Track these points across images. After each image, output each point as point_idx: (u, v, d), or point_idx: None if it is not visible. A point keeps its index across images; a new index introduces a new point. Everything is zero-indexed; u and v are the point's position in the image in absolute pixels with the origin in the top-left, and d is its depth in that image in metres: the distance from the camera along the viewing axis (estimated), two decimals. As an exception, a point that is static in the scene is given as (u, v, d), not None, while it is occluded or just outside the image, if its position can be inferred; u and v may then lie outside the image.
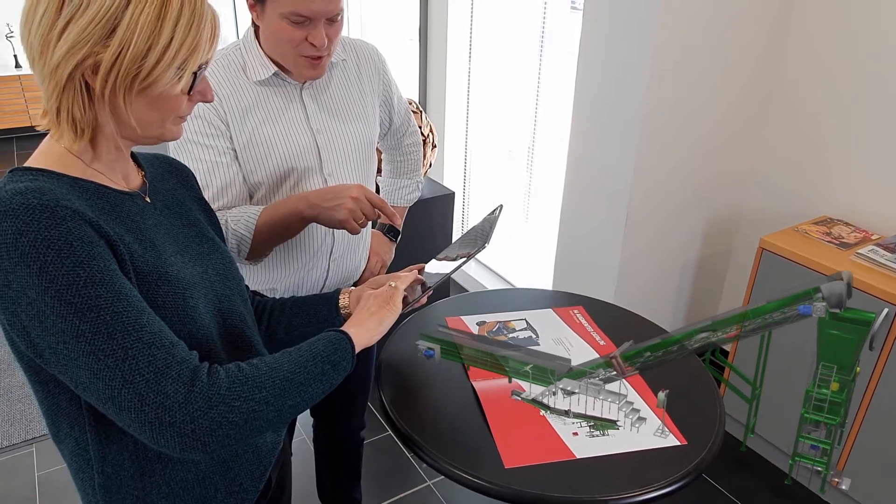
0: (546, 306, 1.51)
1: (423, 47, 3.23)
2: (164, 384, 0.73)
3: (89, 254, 0.71)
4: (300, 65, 1.23)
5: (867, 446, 1.88)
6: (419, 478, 2.20)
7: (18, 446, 2.33)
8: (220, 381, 0.76)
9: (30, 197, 0.70)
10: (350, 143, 1.37)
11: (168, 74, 0.76)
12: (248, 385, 0.78)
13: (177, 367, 0.74)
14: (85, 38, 0.72)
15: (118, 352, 0.71)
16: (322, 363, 0.87)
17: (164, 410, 0.72)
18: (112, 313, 0.72)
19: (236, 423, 0.76)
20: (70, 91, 0.75)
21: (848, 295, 0.96)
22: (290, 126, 1.30)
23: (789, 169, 2.29)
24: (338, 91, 1.37)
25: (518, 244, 3.21)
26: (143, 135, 0.81)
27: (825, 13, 2.08)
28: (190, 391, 0.74)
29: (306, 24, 1.17)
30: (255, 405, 0.78)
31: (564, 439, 1.09)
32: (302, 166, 1.32)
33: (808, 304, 0.96)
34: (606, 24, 2.06)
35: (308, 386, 0.85)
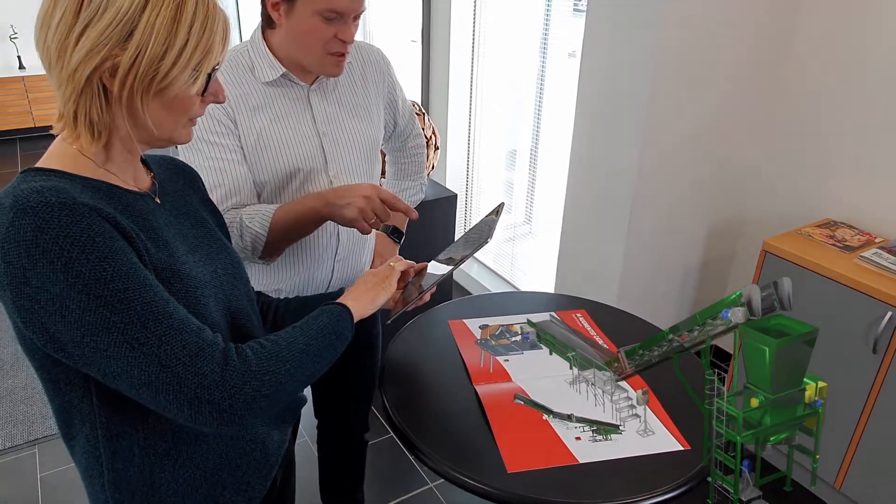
0: (549, 310, 1.50)
1: (426, 49, 3.23)
2: (199, 365, 0.76)
3: (112, 248, 0.73)
4: (326, 62, 1.25)
5: (870, 450, 1.87)
6: (421, 480, 2.20)
7: (21, 447, 2.33)
8: (250, 359, 0.81)
9: (47, 195, 0.71)
10: (355, 145, 1.38)
11: (184, 76, 0.78)
12: (273, 360, 0.83)
13: (208, 348, 0.77)
14: (103, 41, 0.73)
15: (152, 339, 0.74)
16: (329, 334, 0.92)
17: (202, 389, 0.76)
18: (142, 303, 0.74)
19: (268, 395, 0.81)
20: (88, 94, 0.76)
21: (774, 303, 0.87)
22: (297, 127, 1.31)
23: (793, 172, 2.29)
24: (344, 93, 1.38)
25: (520, 246, 3.21)
26: (156, 136, 0.83)
27: (829, 16, 2.07)
28: (224, 370, 0.77)
29: (337, 20, 1.20)
30: (281, 377, 0.83)
31: (567, 444, 1.08)
32: (308, 167, 1.33)
33: (729, 309, 0.89)
34: (609, 27, 2.05)
35: (320, 356, 0.90)
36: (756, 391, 0.88)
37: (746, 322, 0.87)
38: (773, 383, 0.86)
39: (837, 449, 1.94)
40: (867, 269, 1.85)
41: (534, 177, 2.97)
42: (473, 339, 1.39)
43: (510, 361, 1.31)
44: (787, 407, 0.89)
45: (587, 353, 1.28)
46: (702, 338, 0.96)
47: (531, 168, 2.96)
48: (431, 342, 1.38)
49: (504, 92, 3.09)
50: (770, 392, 0.86)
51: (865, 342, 1.81)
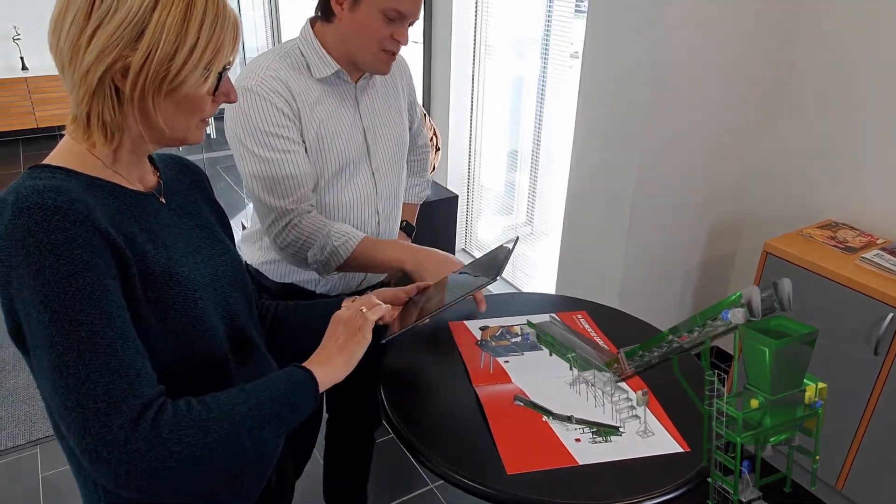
0: (549, 311, 1.50)
1: (428, 50, 3.23)
2: (111, 417, 0.71)
3: (87, 263, 0.72)
4: (379, 59, 1.30)
5: (871, 451, 1.87)
6: (422, 481, 2.20)
7: (23, 447, 2.34)
8: (164, 424, 0.74)
9: (45, 196, 0.72)
10: (391, 141, 1.46)
11: (195, 75, 0.79)
12: (194, 429, 0.75)
13: (130, 401, 0.72)
14: (114, 42, 0.74)
15: (81, 372, 0.71)
16: (279, 405, 0.83)
17: (103, 444, 0.70)
18: (89, 331, 0.71)
19: (174, 468, 0.73)
20: (100, 95, 0.77)
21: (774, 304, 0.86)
22: (347, 123, 1.38)
23: (794, 173, 2.29)
24: (380, 92, 1.45)
25: (521, 247, 3.20)
26: (168, 137, 0.83)
27: (830, 17, 2.07)
28: (133, 430, 0.71)
29: (397, 21, 1.25)
30: (197, 451, 0.75)
31: (567, 445, 1.08)
32: (355, 161, 1.40)
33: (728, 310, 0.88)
34: (610, 28, 2.05)
35: (261, 429, 0.81)
36: (756, 392, 0.88)
37: (746, 323, 0.87)
38: (773, 384, 0.86)
39: (839, 450, 1.94)
40: (868, 270, 1.85)
41: (535, 177, 2.97)
42: (474, 341, 1.39)
43: (510, 363, 1.31)
44: (787, 408, 0.89)
45: (587, 354, 1.28)
46: (702, 339, 0.96)
47: (532, 169, 2.96)
48: (432, 343, 1.38)
49: (505, 93, 3.09)
50: (770, 393, 0.86)
51: (867, 343, 1.80)
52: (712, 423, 0.89)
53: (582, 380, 1.24)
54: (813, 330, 0.86)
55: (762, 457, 0.89)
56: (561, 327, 1.41)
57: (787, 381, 0.87)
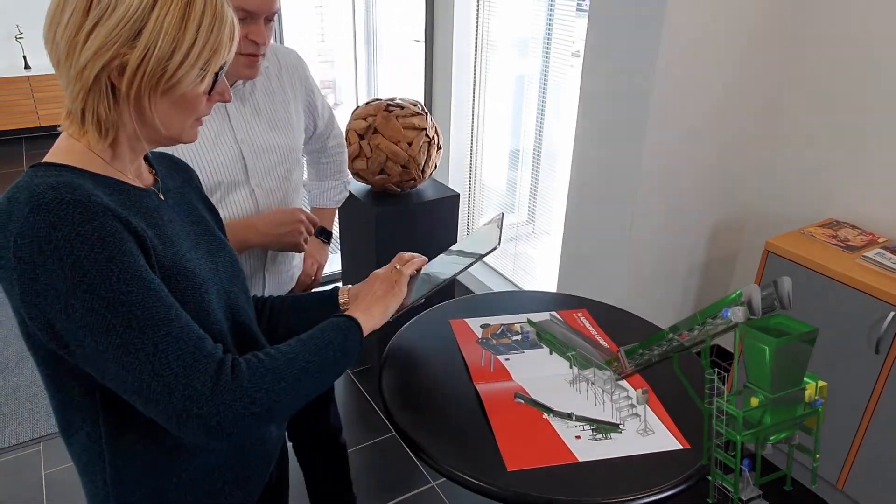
0: (551, 309, 1.51)
1: (429, 49, 3.23)
2: (191, 378, 0.75)
3: (121, 249, 0.73)
4: (238, 63, 1.22)
5: (872, 450, 1.87)
6: (423, 479, 2.21)
7: (26, 445, 2.35)
8: (243, 374, 0.79)
9: (62, 192, 0.72)
10: (276, 152, 1.36)
11: (192, 75, 0.78)
12: (269, 377, 0.81)
13: (203, 361, 0.77)
14: (112, 39, 0.74)
15: (148, 346, 0.74)
16: (334, 351, 0.90)
17: (191, 402, 0.75)
18: (143, 308, 0.74)
19: (258, 413, 0.79)
20: (96, 92, 0.77)
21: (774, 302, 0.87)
22: (215, 138, 1.28)
23: (795, 171, 2.29)
24: (262, 99, 1.36)
25: (523, 246, 3.21)
26: (164, 135, 0.83)
27: (832, 16, 2.07)
28: (216, 385, 0.76)
29: (247, 21, 1.18)
30: (275, 395, 0.81)
31: (567, 442, 1.09)
32: (229, 179, 1.30)
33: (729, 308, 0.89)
34: (612, 27, 2.06)
35: (322, 373, 0.88)
36: (756, 390, 0.88)
37: (746, 321, 0.88)
38: (773, 382, 0.86)
39: (840, 449, 1.94)
40: (870, 269, 1.85)
41: (536, 176, 2.98)
42: (474, 338, 1.39)
43: (511, 360, 1.31)
44: (787, 406, 0.89)
45: (587, 352, 1.28)
46: (702, 337, 0.96)
47: (534, 167, 2.97)
48: (432, 341, 1.39)
49: (507, 91, 3.09)
50: (770, 391, 0.87)
51: (868, 342, 1.80)
52: (712, 422, 0.90)
53: (582, 378, 1.24)
54: (813, 328, 0.86)
55: (762, 455, 0.89)
56: (561, 326, 1.41)
57: (788, 380, 0.88)
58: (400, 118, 2.39)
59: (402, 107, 2.45)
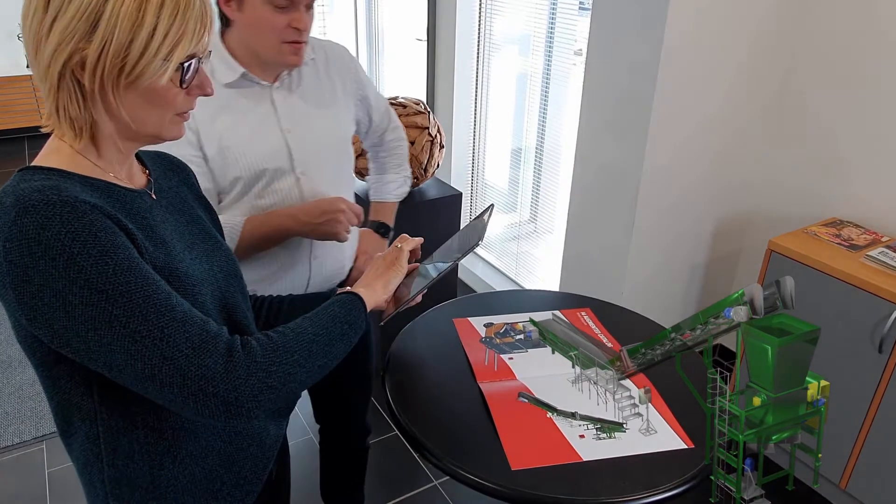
0: (553, 308, 1.51)
1: (432, 47, 3.23)
2: (203, 358, 0.75)
3: (113, 242, 0.72)
4: (283, 52, 1.24)
5: (875, 450, 1.86)
6: (426, 478, 2.21)
7: (29, 443, 2.35)
8: (255, 350, 0.79)
9: (49, 193, 0.71)
10: (322, 141, 1.37)
11: (153, 66, 0.75)
12: (280, 350, 0.82)
13: (212, 340, 0.76)
14: (70, 34, 0.72)
15: (155, 332, 0.73)
16: (341, 324, 0.90)
17: (206, 382, 0.75)
18: (143, 296, 0.73)
19: (275, 386, 0.80)
20: (64, 90, 0.75)
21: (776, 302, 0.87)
22: (259, 127, 1.30)
23: (798, 170, 2.28)
24: (308, 89, 1.37)
25: (525, 245, 3.21)
26: (141, 132, 0.81)
27: (835, 15, 2.06)
28: (229, 361, 0.76)
29: (289, 9, 1.20)
30: (289, 368, 0.81)
31: (571, 441, 1.09)
32: (273, 167, 1.32)
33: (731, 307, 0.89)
34: (614, 26, 2.05)
35: (332, 346, 0.88)
36: (758, 390, 0.88)
37: (749, 321, 0.88)
38: (775, 382, 0.86)
39: (843, 448, 1.94)
40: (873, 268, 1.85)
41: (539, 175, 2.97)
42: (478, 337, 1.39)
43: (514, 359, 1.31)
44: (789, 406, 0.89)
45: (590, 351, 1.28)
46: (704, 336, 0.96)
47: (536, 166, 2.96)
48: (436, 340, 1.39)
49: (509, 90, 3.09)
50: (772, 391, 0.87)
51: (871, 341, 1.80)
52: (715, 421, 0.90)
53: (584, 377, 1.24)
54: (815, 328, 0.86)
55: (765, 455, 0.89)
56: (564, 325, 1.41)
57: (790, 379, 0.88)
58: (402, 117, 2.39)
59: (405, 105, 2.45)
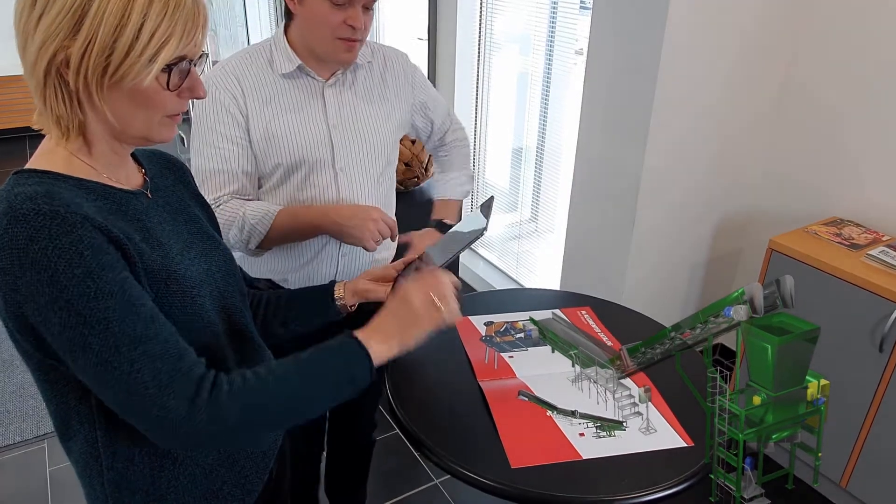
0: (554, 307, 1.51)
1: (432, 47, 3.23)
2: (166, 398, 0.73)
3: (99, 263, 0.71)
4: (337, 48, 1.28)
5: (876, 448, 1.86)
6: (426, 476, 2.21)
7: (30, 442, 2.36)
8: (221, 397, 0.76)
9: (40, 202, 0.70)
10: (366, 141, 1.40)
11: (137, 68, 0.73)
12: (251, 398, 0.78)
13: (180, 380, 0.74)
14: (54, 31, 0.71)
15: (124, 365, 0.72)
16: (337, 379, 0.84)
17: (166, 422, 0.74)
18: (120, 325, 0.72)
19: (233, 432, 0.77)
20: (50, 88, 0.74)
21: (776, 301, 0.87)
22: (306, 119, 1.34)
23: (799, 170, 2.28)
24: (360, 91, 1.40)
25: (526, 244, 3.21)
26: (127, 133, 0.79)
27: (836, 12, 2.06)
28: (192, 405, 0.74)
29: (347, 7, 1.23)
30: (254, 418, 0.79)
31: (571, 440, 1.09)
32: (313, 159, 1.35)
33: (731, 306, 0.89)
34: (615, 25, 2.05)
35: (316, 400, 0.84)
36: (758, 389, 0.88)
37: (749, 320, 0.88)
38: (775, 381, 0.86)
39: (843, 447, 1.94)
40: (874, 267, 1.85)
41: (540, 174, 2.97)
42: (478, 336, 1.39)
43: (515, 358, 1.31)
44: (789, 405, 0.89)
45: (590, 350, 1.28)
46: (704, 335, 0.96)
47: (537, 165, 2.96)
48: (436, 338, 1.39)
49: (510, 89, 3.09)
50: (772, 390, 0.87)
51: (872, 341, 1.80)
52: (715, 420, 0.90)
53: (584, 376, 1.24)
54: (815, 327, 0.86)
55: (765, 453, 0.90)
56: (563, 324, 1.41)
57: (790, 378, 0.88)
58: (403, 116, 2.39)
59: (406, 105, 2.45)
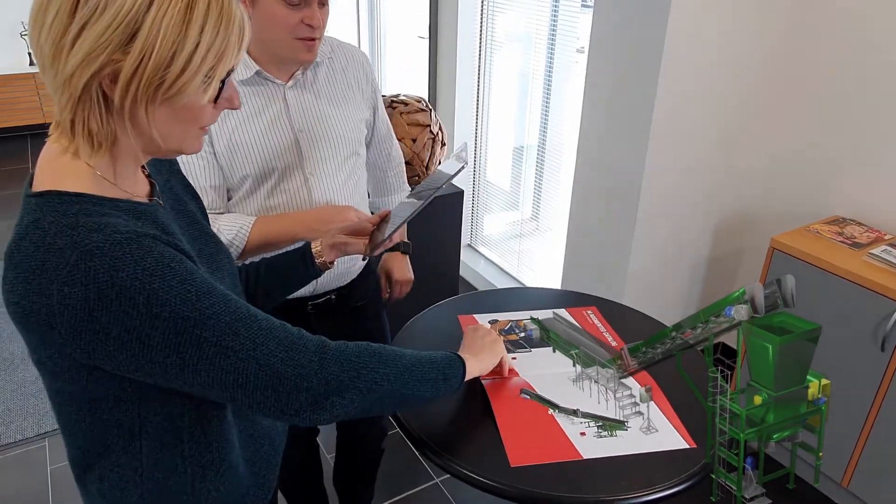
0: (558, 306, 1.50)
1: (433, 45, 3.23)
2: (297, 357, 0.77)
3: (186, 269, 0.72)
4: (296, 48, 1.24)
5: (877, 448, 1.86)
6: (427, 475, 2.21)
7: (31, 440, 2.36)
8: (350, 349, 0.82)
9: (108, 232, 0.68)
10: (333, 142, 1.37)
11: (195, 83, 0.70)
12: (375, 360, 0.84)
13: (300, 341, 0.79)
14: (102, 44, 0.66)
15: (247, 344, 0.75)
16: (437, 371, 0.93)
17: (301, 379, 0.77)
18: (229, 314, 0.74)
19: (360, 389, 0.81)
20: (86, 102, 0.69)
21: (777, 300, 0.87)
22: (270, 126, 1.30)
23: (801, 168, 2.28)
24: (323, 89, 1.36)
25: (527, 243, 3.20)
26: (164, 148, 0.76)
27: (838, 11, 2.06)
28: (322, 357, 0.79)
29: (303, 6, 1.20)
30: (378, 377, 0.83)
31: (572, 439, 1.09)
32: (282, 165, 1.32)
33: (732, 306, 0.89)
34: (616, 22, 2.05)
35: (422, 384, 0.90)
36: (759, 388, 0.88)
37: (750, 319, 0.87)
38: (776, 381, 0.86)
39: (845, 447, 1.94)
40: (876, 266, 1.84)
41: (541, 173, 2.97)
42: None
43: (518, 359, 1.31)
44: (790, 404, 0.89)
45: (591, 350, 1.28)
46: (705, 335, 0.96)
47: (538, 164, 2.96)
48: (439, 335, 1.39)
49: (511, 88, 3.09)
50: (773, 389, 0.86)
51: (874, 340, 1.80)
52: (716, 420, 0.89)
53: (585, 376, 1.24)
54: (816, 326, 0.86)
55: (766, 453, 0.89)
56: (565, 324, 1.41)
57: (791, 378, 0.88)
58: (404, 114, 2.39)
59: (406, 103, 2.45)
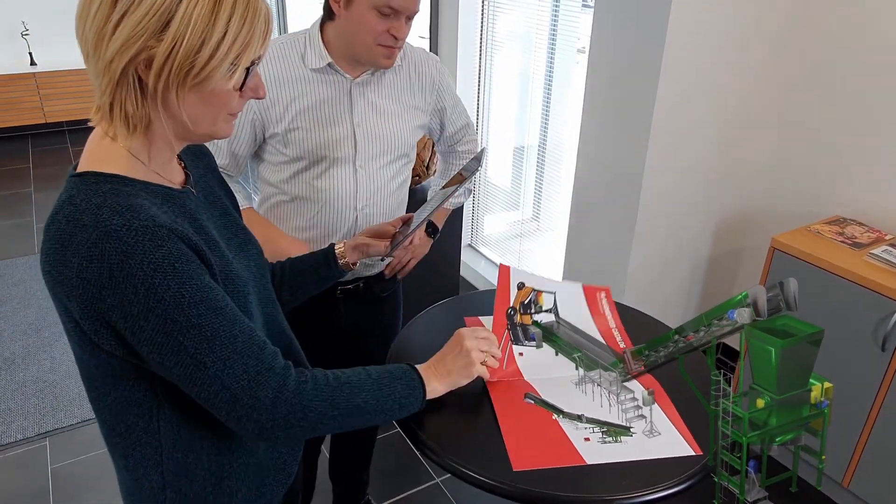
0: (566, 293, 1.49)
1: (434, 45, 3.23)
2: (255, 390, 0.81)
3: (189, 273, 0.76)
4: (377, 53, 1.33)
5: (878, 448, 1.86)
6: (427, 475, 2.21)
7: (32, 440, 2.36)
8: (305, 391, 0.85)
9: (129, 217, 0.73)
10: (386, 142, 1.46)
11: (221, 70, 0.77)
12: (328, 400, 0.87)
13: (266, 373, 0.82)
14: (139, 31, 0.73)
15: (217, 363, 0.78)
16: (393, 401, 0.95)
17: (253, 411, 0.81)
18: (212, 328, 0.78)
19: (306, 427, 0.86)
20: (123, 86, 0.76)
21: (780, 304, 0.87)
22: (332, 115, 1.39)
23: (801, 168, 2.27)
24: (386, 93, 1.45)
25: (528, 243, 3.20)
26: (196, 132, 0.82)
27: (838, 10, 2.05)
28: (277, 397, 0.82)
29: (391, 17, 1.28)
30: (324, 418, 0.87)
31: (575, 444, 1.08)
32: (334, 156, 1.41)
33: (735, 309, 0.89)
34: (617, 22, 2.05)
35: (373, 416, 0.93)
36: (762, 392, 0.88)
37: (752, 323, 0.87)
38: (778, 384, 0.86)
39: (846, 447, 1.94)
40: (876, 266, 1.84)
41: (541, 173, 2.97)
42: (507, 306, 1.39)
43: (524, 356, 1.30)
44: (792, 407, 0.89)
45: (593, 353, 1.28)
46: (707, 338, 0.96)
47: (539, 164, 2.96)
48: (437, 337, 1.38)
49: (512, 88, 3.08)
50: (776, 393, 0.87)
51: (874, 340, 1.80)
52: (718, 423, 0.89)
53: (588, 379, 1.24)
54: (818, 330, 0.86)
55: (768, 455, 0.89)
56: (567, 327, 1.41)
57: (793, 381, 0.88)
58: (405, 115, 2.39)
59: (407, 103, 2.44)
